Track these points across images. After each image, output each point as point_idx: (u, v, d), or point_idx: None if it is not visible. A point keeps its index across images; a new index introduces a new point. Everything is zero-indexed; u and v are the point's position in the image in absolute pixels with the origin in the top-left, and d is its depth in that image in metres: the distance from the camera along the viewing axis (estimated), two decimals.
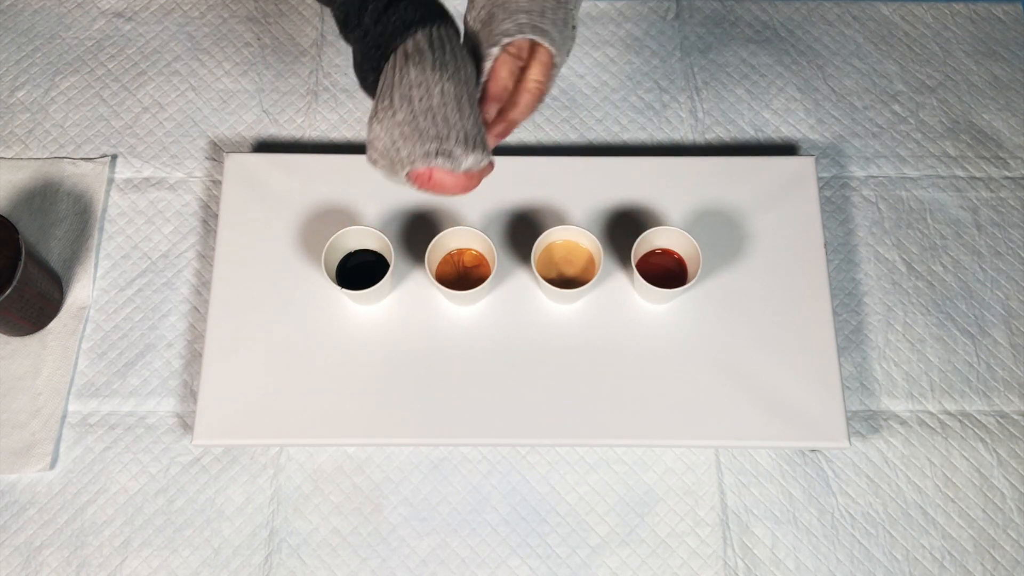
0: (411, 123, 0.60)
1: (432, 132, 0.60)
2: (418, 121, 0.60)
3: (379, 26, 0.61)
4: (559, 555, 0.80)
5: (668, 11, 1.01)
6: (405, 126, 0.60)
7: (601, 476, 0.82)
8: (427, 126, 0.60)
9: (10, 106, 0.95)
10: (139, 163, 0.93)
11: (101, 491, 0.81)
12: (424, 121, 0.60)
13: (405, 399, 0.80)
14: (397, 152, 0.61)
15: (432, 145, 0.60)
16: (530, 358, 0.81)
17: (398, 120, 0.60)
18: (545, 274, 0.81)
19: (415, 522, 0.80)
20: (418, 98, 0.60)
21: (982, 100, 0.96)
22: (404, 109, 0.60)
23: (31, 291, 0.80)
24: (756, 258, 0.85)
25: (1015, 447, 0.83)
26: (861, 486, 0.82)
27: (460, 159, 0.61)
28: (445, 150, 0.60)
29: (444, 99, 0.60)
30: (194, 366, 0.85)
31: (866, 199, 0.92)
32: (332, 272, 0.81)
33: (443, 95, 0.60)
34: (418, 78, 0.60)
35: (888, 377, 0.85)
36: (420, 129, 0.60)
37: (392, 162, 0.62)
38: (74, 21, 1.00)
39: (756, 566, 0.79)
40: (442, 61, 0.61)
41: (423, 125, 0.60)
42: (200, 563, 0.79)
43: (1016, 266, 0.90)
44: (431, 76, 0.60)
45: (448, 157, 0.61)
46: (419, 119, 0.60)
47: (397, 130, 0.61)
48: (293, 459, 0.82)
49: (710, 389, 0.80)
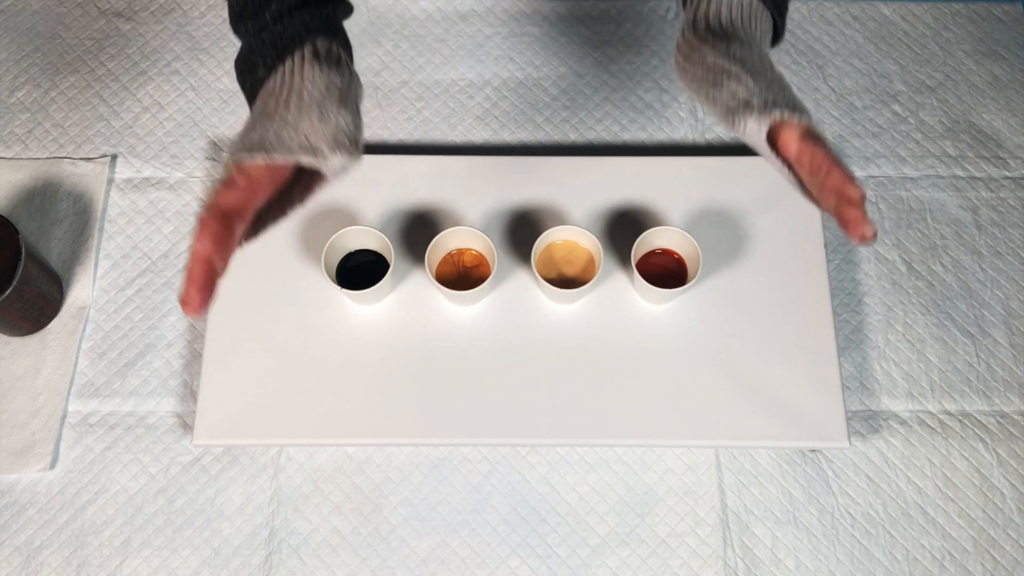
0: (293, 117, 0.59)
1: (306, 127, 0.59)
2: (300, 116, 0.59)
3: (279, 25, 0.60)
4: (559, 555, 0.80)
5: (668, 11, 1.01)
6: (287, 119, 0.59)
7: (601, 476, 0.82)
8: (305, 123, 0.59)
9: (10, 106, 0.95)
10: (139, 163, 0.93)
11: (101, 491, 0.81)
12: (303, 117, 0.59)
13: (405, 399, 0.80)
14: (271, 141, 0.58)
15: (300, 139, 0.58)
16: (530, 358, 0.81)
17: (286, 115, 0.59)
18: (545, 274, 0.81)
19: (415, 522, 0.80)
20: (307, 93, 0.59)
21: (982, 100, 0.96)
22: (293, 103, 0.59)
23: (31, 291, 0.80)
24: (756, 258, 0.85)
25: (1015, 447, 0.83)
26: (861, 486, 0.82)
27: (327, 157, 0.59)
28: (313, 146, 0.58)
29: (328, 96, 0.60)
30: (194, 366, 0.85)
31: (866, 199, 0.92)
32: (332, 272, 0.81)
33: (327, 93, 0.60)
34: (313, 77, 0.59)
35: (888, 377, 0.85)
36: (295, 124, 0.58)
37: (251, 149, 0.58)
38: (74, 21, 1.00)
39: (756, 566, 0.79)
40: (339, 67, 0.61)
41: (302, 121, 0.59)
42: (200, 563, 0.79)
43: (1016, 266, 0.90)
44: (323, 76, 0.60)
45: (314, 154, 0.58)
46: (302, 114, 0.59)
47: (278, 123, 0.58)
48: (293, 459, 0.82)
49: (710, 389, 0.80)
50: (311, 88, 0.60)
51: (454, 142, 0.94)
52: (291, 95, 0.59)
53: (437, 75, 0.97)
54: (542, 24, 1.00)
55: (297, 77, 0.60)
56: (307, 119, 0.59)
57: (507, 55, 0.98)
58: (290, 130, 0.58)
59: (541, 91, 0.97)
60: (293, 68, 0.60)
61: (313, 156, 0.58)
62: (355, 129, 0.61)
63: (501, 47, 0.99)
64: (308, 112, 0.59)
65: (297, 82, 0.60)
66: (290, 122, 0.58)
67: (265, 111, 0.59)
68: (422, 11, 1.01)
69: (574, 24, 1.00)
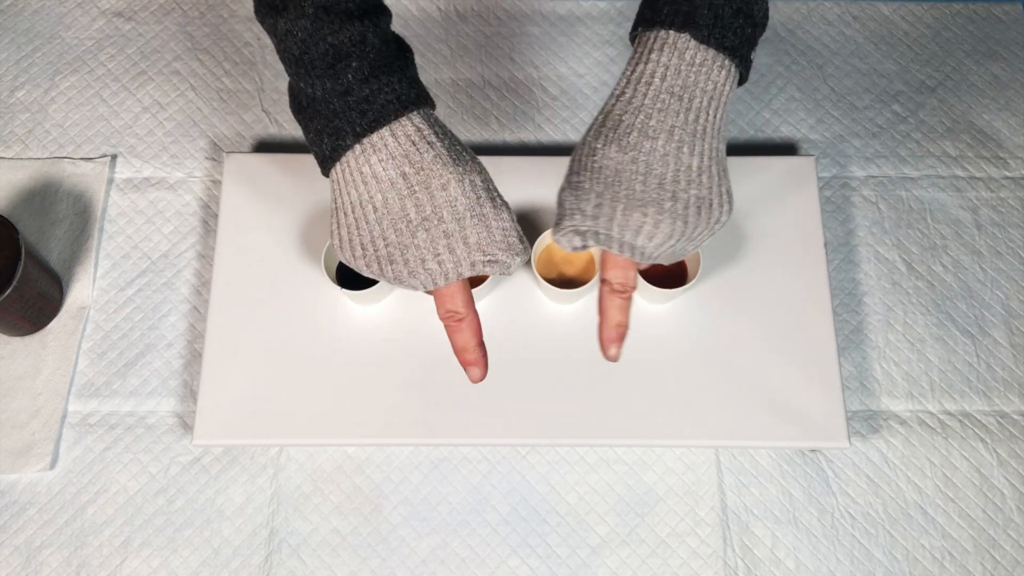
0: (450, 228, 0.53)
1: (473, 239, 0.53)
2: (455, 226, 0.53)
3: (367, 88, 0.51)
4: (559, 555, 0.80)
5: None
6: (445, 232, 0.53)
7: (601, 476, 0.82)
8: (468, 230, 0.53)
9: (10, 106, 0.95)
10: (139, 163, 0.93)
11: (101, 491, 0.81)
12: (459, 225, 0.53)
13: (405, 399, 0.80)
14: (436, 264, 0.54)
15: (477, 255, 0.54)
16: (530, 358, 0.81)
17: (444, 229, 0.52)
18: (545, 274, 0.81)
19: (415, 522, 0.80)
20: (453, 201, 0.53)
21: (982, 100, 0.96)
22: (447, 213, 0.52)
23: (31, 291, 0.80)
24: (756, 258, 0.85)
25: (1015, 447, 0.83)
26: (861, 486, 0.82)
27: (507, 263, 0.55)
28: (491, 258, 0.54)
29: (478, 196, 0.54)
30: (194, 366, 0.85)
31: (866, 199, 0.92)
32: (332, 272, 0.81)
33: (475, 190, 0.54)
34: (442, 173, 0.52)
35: (888, 377, 0.85)
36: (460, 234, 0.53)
37: (428, 275, 0.55)
38: (74, 21, 1.00)
39: (756, 566, 0.79)
40: (457, 152, 0.54)
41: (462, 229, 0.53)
42: (200, 563, 0.79)
43: (1016, 266, 0.90)
44: (455, 170, 0.53)
45: (495, 263, 0.54)
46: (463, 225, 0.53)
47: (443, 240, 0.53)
48: (293, 459, 0.82)
49: (710, 389, 0.80)
50: (455, 194, 0.53)
51: None
52: (436, 202, 0.52)
53: (437, 75, 0.97)
54: (542, 24, 1.00)
55: (424, 175, 0.52)
56: (473, 230, 0.53)
57: (507, 55, 0.98)
58: (461, 246, 0.53)
59: (541, 91, 0.97)
60: (409, 153, 0.52)
61: (496, 267, 0.55)
62: (514, 220, 0.55)
63: (501, 47, 0.99)
64: (467, 221, 0.53)
65: (428, 182, 0.52)
66: (456, 235, 0.53)
67: (407, 218, 0.52)
68: (422, 11, 1.01)
69: (574, 24, 1.00)
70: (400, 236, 0.53)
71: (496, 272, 0.55)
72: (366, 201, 0.53)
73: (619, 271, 0.56)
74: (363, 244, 0.54)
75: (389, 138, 0.52)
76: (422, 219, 0.53)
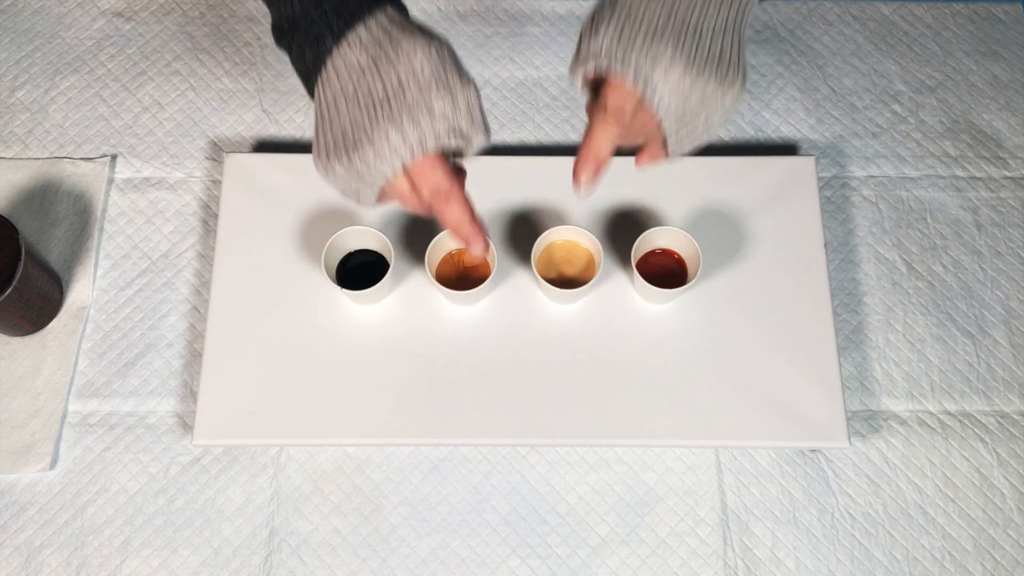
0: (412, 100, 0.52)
1: (438, 108, 0.51)
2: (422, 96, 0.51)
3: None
4: (559, 555, 0.80)
5: None
6: None
7: (601, 476, 0.82)
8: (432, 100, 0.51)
9: (10, 106, 0.95)
10: (139, 163, 0.93)
11: (101, 491, 0.81)
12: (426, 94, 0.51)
13: (405, 399, 0.80)
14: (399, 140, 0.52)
15: (440, 124, 0.51)
16: (530, 358, 0.81)
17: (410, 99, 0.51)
18: (545, 274, 0.81)
19: (415, 522, 0.80)
20: (419, 70, 0.51)
21: (982, 100, 0.96)
22: (412, 84, 0.51)
23: (31, 291, 0.80)
24: (756, 258, 0.85)
25: (1015, 447, 0.83)
26: (861, 486, 0.82)
27: (470, 137, 0.54)
28: (455, 128, 0.52)
29: (444, 65, 0.52)
30: (194, 366, 0.85)
31: (866, 199, 0.92)
32: (332, 272, 0.81)
33: (442, 60, 0.52)
34: (411, 43, 0.52)
35: (888, 377, 0.85)
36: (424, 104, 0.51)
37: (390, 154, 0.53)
38: (74, 21, 1.00)
39: (756, 566, 0.79)
40: (429, 31, 0.54)
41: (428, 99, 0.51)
42: (200, 563, 0.79)
43: (1016, 266, 0.90)
44: (424, 40, 0.52)
45: (460, 135, 0.53)
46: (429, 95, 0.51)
47: None
48: (293, 459, 0.82)
49: (710, 389, 0.80)
50: (422, 61, 0.52)
51: None
52: (401, 76, 0.52)
53: None
54: (542, 24, 1.00)
55: (393, 51, 0.52)
56: (437, 100, 0.52)
57: (507, 55, 0.98)
58: (426, 117, 0.52)
59: (541, 91, 0.97)
60: (379, 38, 0.52)
61: (460, 140, 0.54)
62: (480, 101, 0.54)
63: (501, 47, 0.99)
64: (432, 91, 0.52)
65: (397, 56, 0.52)
66: (421, 105, 0.51)
67: (373, 98, 0.52)
68: (422, 11, 1.01)
69: (574, 24, 1.00)
70: (367, 118, 0.52)
71: (458, 145, 0.54)
72: (339, 94, 0.53)
73: (620, 95, 0.53)
74: (335, 140, 0.54)
75: (363, 31, 0.52)
76: (387, 96, 0.52)
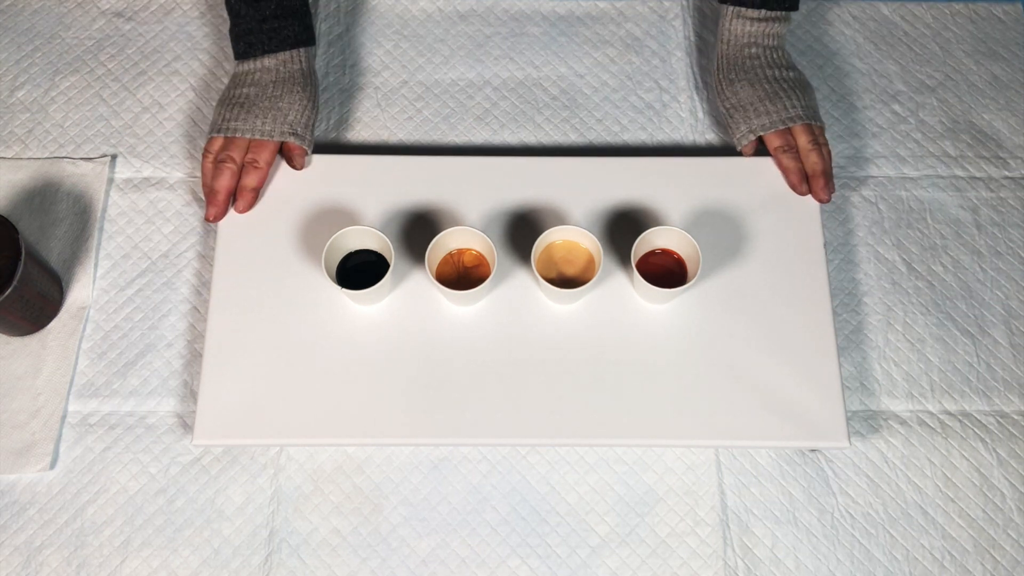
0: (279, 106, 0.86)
1: (291, 119, 0.86)
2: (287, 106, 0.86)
3: (276, 23, 0.86)
4: (559, 555, 0.80)
5: (668, 11, 1.01)
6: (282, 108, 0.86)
7: (601, 476, 0.82)
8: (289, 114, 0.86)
9: (10, 106, 0.95)
10: (139, 163, 0.93)
11: (101, 491, 0.81)
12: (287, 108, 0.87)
13: (405, 399, 0.80)
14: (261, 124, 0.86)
15: (284, 127, 0.86)
16: (530, 358, 0.81)
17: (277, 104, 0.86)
18: (545, 274, 0.81)
19: (415, 522, 0.80)
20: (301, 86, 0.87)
21: (982, 100, 0.96)
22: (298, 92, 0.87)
23: (31, 291, 0.80)
24: (756, 258, 0.85)
25: (1015, 447, 0.83)
26: (861, 486, 0.82)
27: (298, 141, 0.86)
28: (299, 133, 0.86)
29: (303, 102, 0.87)
30: (194, 366, 0.85)
31: (866, 199, 0.92)
32: (332, 272, 0.81)
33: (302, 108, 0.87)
34: (289, 90, 0.87)
35: (888, 377, 0.85)
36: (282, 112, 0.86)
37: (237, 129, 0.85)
38: (74, 21, 1.00)
39: (756, 566, 0.79)
40: (314, 74, 0.90)
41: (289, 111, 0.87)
42: (200, 563, 0.79)
43: (1016, 266, 0.90)
44: (295, 91, 0.87)
45: (300, 138, 0.86)
46: (287, 107, 0.86)
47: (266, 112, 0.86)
48: (293, 459, 0.82)
49: (710, 389, 0.80)
50: (303, 82, 0.87)
51: (454, 142, 0.94)
52: (278, 95, 0.87)
53: (437, 75, 0.97)
54: (542, 24, 1.00)
55: (299, 75, 0.88)
56: (287, 114, 0.86)
57: (507, 55, 0.98)
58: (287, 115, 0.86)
59: (541, 91, 0.97)
60: (294, 65, 0.88)
61: (294, 138, 0.86)
62: (310, 125, 0.88)
63: (501, 47, 0.99)
64: (286, 111, 0.86)
65: (286, 86, 0.87)
66: (287, 108, 0.86)
67: (259, 95, 0.87)
68: (422, 11, 1.01)
69: (574, 24, 1.00)
70: (250, 102, 0.86)
71: (286, 139, 0.86)
72: (248, 84, 0.88)
73: (779, 137, 0.87)
74: (230, 101, 0.87)
75: (272, 59, 0.87)
76: (264, 99, 0.86)
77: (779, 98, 0.87)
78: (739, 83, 0.88)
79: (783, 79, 0.88)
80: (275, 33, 0.86)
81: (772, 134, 0.86)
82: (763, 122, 0.86)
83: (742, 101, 0.88)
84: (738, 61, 0.89)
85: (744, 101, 0.87)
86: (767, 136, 0.87)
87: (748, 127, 0.87)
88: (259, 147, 0.85)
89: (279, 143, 0.86)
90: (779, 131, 0.86)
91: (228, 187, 0.85)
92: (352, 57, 0.98)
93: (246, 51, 0.87)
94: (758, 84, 0.87)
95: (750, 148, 0.88)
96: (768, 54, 0.89)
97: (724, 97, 0.89)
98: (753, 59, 0.89)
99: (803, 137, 0.86)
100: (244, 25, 0.86)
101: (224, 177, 0.84)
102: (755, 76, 0.88)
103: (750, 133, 0.87)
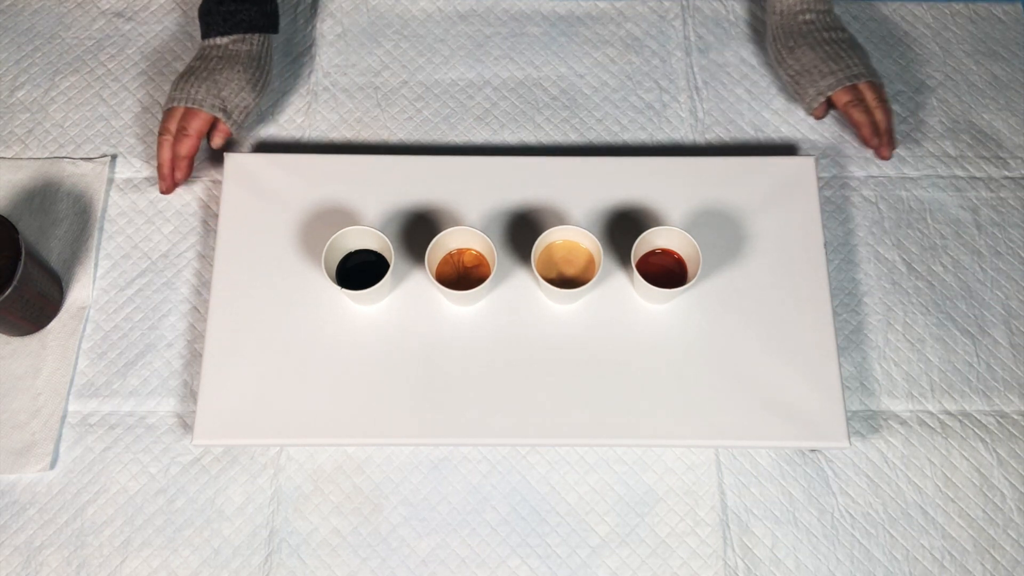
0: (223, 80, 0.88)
1: (222, 94, 0.88)
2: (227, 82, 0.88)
3: (233, 6, 0.88)
4: (559, 555, 0.80)
5: (668, 11, 1.01)
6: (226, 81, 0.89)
7: (601, 476, 0.82)
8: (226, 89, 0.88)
9: (10, 106, 0.95)
10: (139, 163, 0.93)
11: (101, 491, 0.81)
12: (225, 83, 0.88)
13: (405, 399, 0.80)
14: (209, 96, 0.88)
15: (216, 101, 0.87)
16: (530, 358, 0.81)
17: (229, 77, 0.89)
18: (545, 274, 0.81)
19: (415, 522, 0.80)
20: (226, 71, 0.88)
21: (982, 100, 0.96)
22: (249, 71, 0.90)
23: (31, 291, 0.80)
24: (756, 258, 0.85)
25: (1015, 447, 0.83)
26: (861, 486, 0.82)
27: (224, 117, 0.88)
28: (221, 105, 0.88)
29: (241, 81, 0.89)
30: (194, 366, 0.85)
31: (866, 199, 0.92)
32: (332, 272, 0.81)
33: (240, 79, 0.89)
34: (233, 68, 0.89)
35: (888, 377, 0.85)
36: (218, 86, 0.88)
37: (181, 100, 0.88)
38: (74, 21, 1.00)
39: (756, 566, 0.79)
40: (264, 60, 0.91)
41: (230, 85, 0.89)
42: (200, 563, 0.79)
43: (1016, 266, 0.90)
44: (242, 71, 0.89)
45: (227, 114, 0.88)
46: (226, 82, 0.88)
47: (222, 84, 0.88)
48: (293, 459, 0.82)
49: (710, 389, 0.80)
50: (239, 73, 0.89)
51: (454, 142, 0.94)
52: (224, 70, 0.88)
53: (437, 75, 0.97)
54: (542, 24, 1.00)
55: (253, 58, 0.90)
56: (225, 90, 0.88)
57: (507, 55, 0.98)
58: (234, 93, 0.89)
59: (541, 91, 0.97)
60: (235, 49, 0.90)
61: (222, 115, 0.88)
62: (247, 109, 0.90)
63: (501, 47, 0.99)
64: (225, 88, 0.88)
65: (229, 63, 0.89)
66: (232, 85, 0.88)
67: (207, 69, 0.89)
68: (422, 11, 1.01)
69: (574, 24, 1.00)
70: (191, 72, 0.89)
71: (215, 113, 0.87)
72: (198, 58, 0.90)
73: (848, 92, 0.89)
74: (188, 74, 0.89)
75: (229, 40, 0.90)
76: (204, 71, 0.88)
77: (841, 58, 0.89)
78: (799, 49, 0.90)
79: (841, 40, 0.91)
80: (231, 16, 0.88)
81: (841, 91, 0.89)
82: (830, 82, 0.89)
83: (805, 66, 0.90)
84: (794, 28, 0.91)
85: (808, 65, 0.90)
86: (835, 94, 0.89)
87: (816, 89, 0.89)
88: (191, 115, 0.87)
89: (211, 116, 0.87)
90: (846, 87, 0.89)
91: (166, 158, 0.87)
92: (352, 57, 0.98)
93: (205, 31, 0.90)
94: (818, 47, 0.90)
95: (821, 110, 0.91)
96: (822, 18, 0.91)
97: (786, 65, 0.92)
98: (809, 24, 0.91)
99: (870, 93, 0.89)
100: (205, 6, 0.90)
101: (162, 149, 0.87)
102: (814, 39, 0.90)
103: (819, 96, 0.89)
